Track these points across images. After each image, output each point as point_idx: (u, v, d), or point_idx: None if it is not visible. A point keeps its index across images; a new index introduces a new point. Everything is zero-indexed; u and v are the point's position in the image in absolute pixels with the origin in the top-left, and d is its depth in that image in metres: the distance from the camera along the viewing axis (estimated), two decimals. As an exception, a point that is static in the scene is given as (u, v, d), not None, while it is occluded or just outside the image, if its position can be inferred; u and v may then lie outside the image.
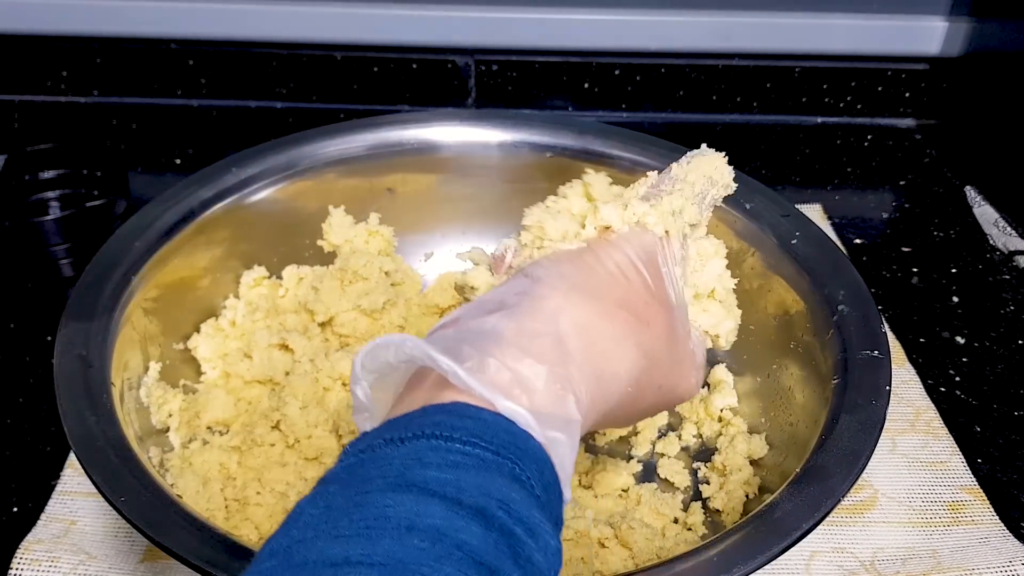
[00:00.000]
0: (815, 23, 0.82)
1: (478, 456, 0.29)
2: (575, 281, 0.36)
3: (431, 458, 0.29)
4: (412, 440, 0.29)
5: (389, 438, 0.30)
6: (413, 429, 0.30)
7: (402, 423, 0.31)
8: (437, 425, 0.30)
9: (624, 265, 0.38)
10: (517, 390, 0.32)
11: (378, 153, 0.63)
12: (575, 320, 0.35)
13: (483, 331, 0.34)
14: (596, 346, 0.35)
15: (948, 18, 0.82)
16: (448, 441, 0.29)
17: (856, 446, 0.43)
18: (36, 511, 0.52)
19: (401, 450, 0.29)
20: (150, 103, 0.87)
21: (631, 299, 0.37)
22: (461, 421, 0.30)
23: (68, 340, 0.49)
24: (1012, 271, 0.71)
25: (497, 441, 0.30)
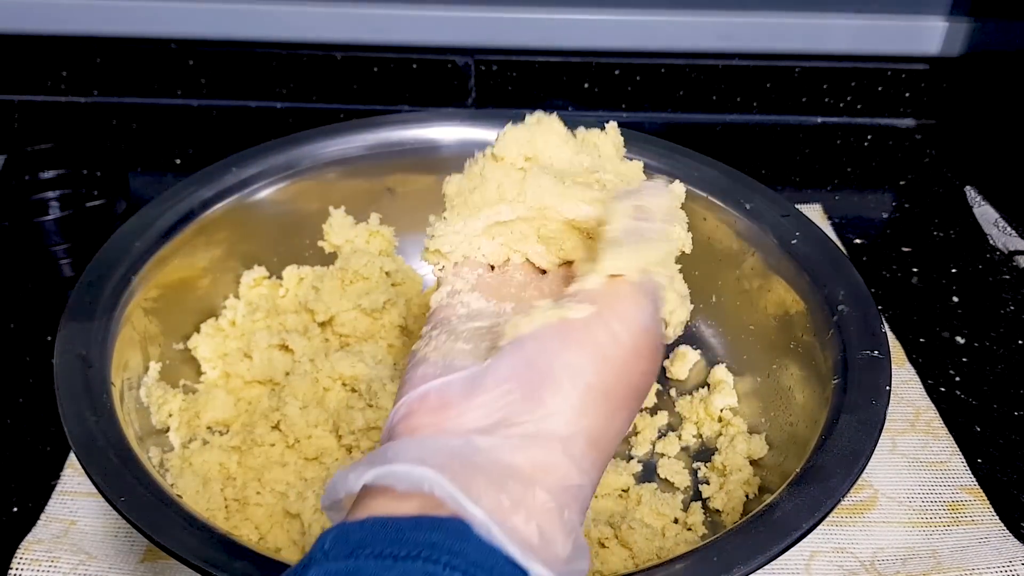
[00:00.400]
0: (815, 23, 0.82)
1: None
2: (588, 380, 0.32)
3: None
4: (404, 560, 0.27)
5: (379, 552, 0.27)
6: (407, 547, 0.27)
7: (392, 533, 0.28)
8: (433, 547, 0.27)
9: (638, 332, 0.33)
10: (538, 543, 0.29)
11: (378, 153, 0.63)
12: (589, 437, 0.32)
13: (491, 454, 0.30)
14: (604, 454, 0.33)
15: (948, 18, 0.82)
16: (446, 568, 0.27)
17: (856, 446, 0.43)
18: (36, 511, 0.52)
19: (393, 572, 0.26)
20: (150, 103, 0.87)
21: (637, 381, 0.34)
22: (459, 545, 0.27)
23: (68, 340, 0.49)
24: (1012, 271, 0.71)
25: (497, 571, 0.27)
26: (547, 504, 0.30)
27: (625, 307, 0.33)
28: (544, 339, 0.32)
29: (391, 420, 0.34)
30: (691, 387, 0.59)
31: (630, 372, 0.33)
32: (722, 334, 0.60)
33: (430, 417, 0.32)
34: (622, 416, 0.33)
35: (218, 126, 0.86)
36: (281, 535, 0.50)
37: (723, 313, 0.60)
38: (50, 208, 0.72)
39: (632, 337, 0.33)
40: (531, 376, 0.32)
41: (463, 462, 0.30)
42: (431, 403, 0.32)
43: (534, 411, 0.31)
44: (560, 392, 0.31)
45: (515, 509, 0.29)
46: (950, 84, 0.85)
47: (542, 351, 0.32)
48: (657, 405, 0.58)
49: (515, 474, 0.30)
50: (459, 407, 0.32)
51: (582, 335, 0.32)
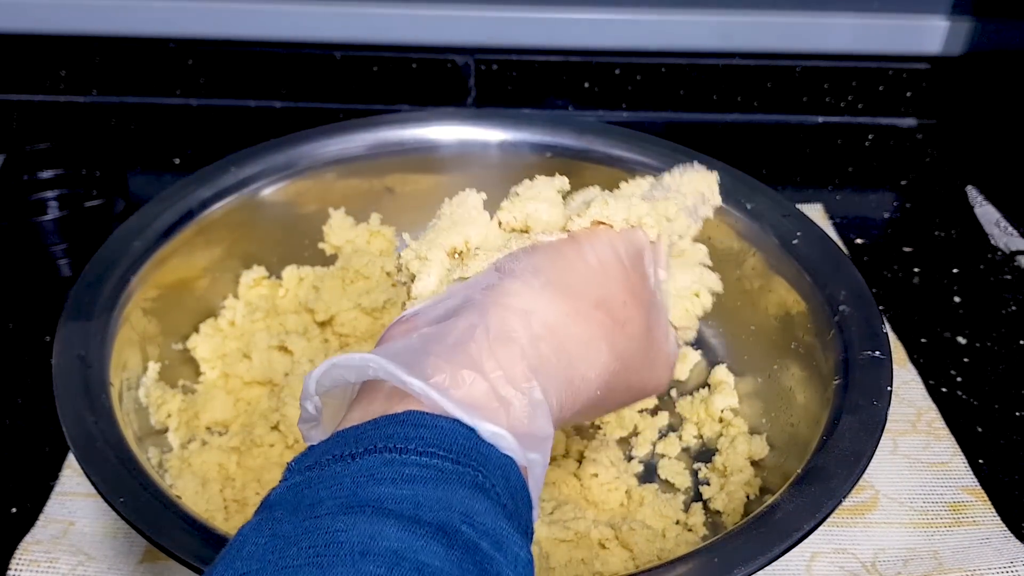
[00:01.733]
0: (816, 22, 0.82)
1: (436, 467, 0.27)
2: (550, 277, 0.34)
3: (385, 473, 0.27)
4: (364, 455, 0.27)
5: (339, 454, 0.28)
6: (364, 443, 0.28)
7: (352, 437, 0.28)
8: (390, 437, 0.28)
9: (607, 260, 0.35)
10: (495, 405, 0.30)
11: (378, 153, 0.63)
12: (546, 321, 0.33)
13: (449, 337, 0.31)
14: (567, 350, 0.33)
15: (949, 17, 0.82)
16: (403, 454, 0.27)
17: (857, 447, 0.43)
18: (35, 512, 0.52)
19: (352, 467, 0.27)
20: (149, 102, 0.87)
21: (609, 298, 0.35)
22: (416, 431, 0.28)
23: (67, 340, 0.49)
24: (1013, 271, 0.70)
25: (456, 449, 0.28)
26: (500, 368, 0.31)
27: (597, 238, 0.35)
28: (517, 254, 0.35)
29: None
30: (692, 388, 0.59)
31: (596, 285, 0.34)
32: (723, 334, 0.60)
33: (402, 326, 0.34)
34: (591, 327, 0.34)
35: (217, 126, 0.85)
36: (280, 536, 0.50)
37: (724, 313, 0.59)
38: (49, 208, 0.72)
39: (599, 258, 0.35)
40: (495, 277, 0.33)
41: (415, 349, 0.31)
42: (402, 323, 0.34)
43: (492, 292, 0.33)
44: (517, 278, 0.33)
45: (465, 379, 0.30)
46: (951, 84, 0.85)
47: (512, 258, 0.34)
48: (658, 406, 0.58)
49: (468, 344, 0.31)
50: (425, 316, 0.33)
51: (548, 248, 0.35)
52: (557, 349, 0.33)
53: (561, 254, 0.35)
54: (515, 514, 0.29)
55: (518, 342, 0.32)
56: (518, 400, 0.31)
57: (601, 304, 0.34)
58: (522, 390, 0.31)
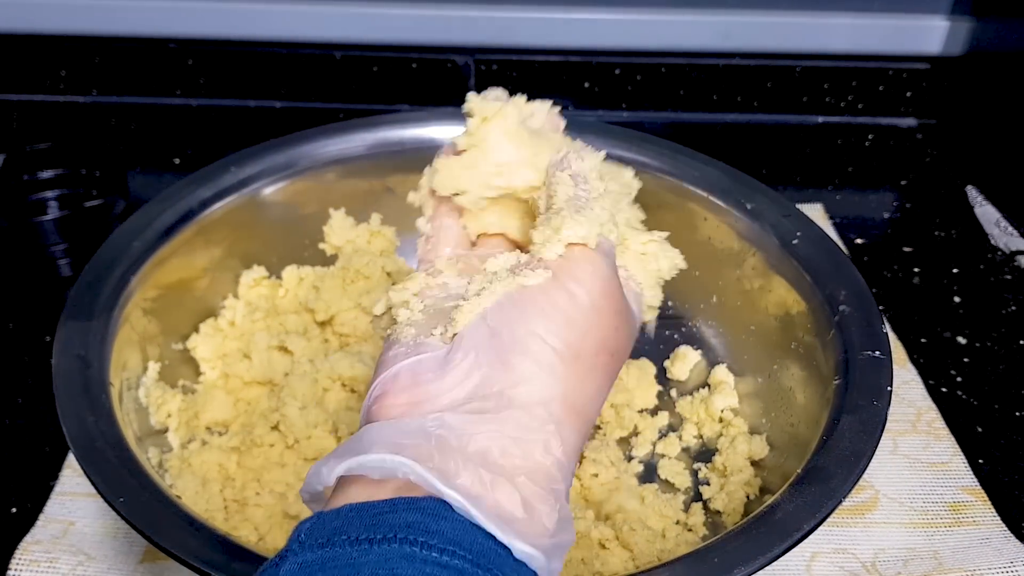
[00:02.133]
0: (816, 22, 0.82)
1: (456, 568, 0.26)
2: (552, 343, 0.32)
3: (404, 570, 0.26)
4: (381, 543, 0.26)
5: (355, 537, 0.27)
6: (383, 529, 0.27)
7: (368, 517, 0.27)
8: (410, 527, 0.27)
9: (597, 292, 0.33)
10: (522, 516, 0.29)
11: (378, 153, 0.63)
12: (565, 400, 0.32)
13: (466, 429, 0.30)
14: (584, 415, 0.33)
15: (949, 17, 0.82)
16: (423, 549, 0.26)
17: (857, 447, 0.43)
18: (35, 512, 0.52)
19: (370, 556, 0.26)
20: (149, 102, 0.87)
21: (606, 334, 0.34)
22: (437, 523, 0.27)
23: (67, 340, 0.48)
24: (1014, 271, 0.70)
25: (476, 550, 0.27)
26: (528, 476, 0.30)
27: (580, 269, 0.34)
28: (504, 309, 0.33)
29: (367, 402, 0.34)
30: (692, 388, 0.59)
31: (596, 330, 0.33)
32: (723, 334, 0.60)
33: (403, 396, 0.32)
34: (598, 377, 0.33)
35: (217, 126, 0.85)
36: (280, 536, 0.50)
37: (724, 313, 0.60)
38: (49, 208, 0.72)
39: (590, 296, 0.33)
40: (496, 345, 0.32)
41: (438, 443, 0.30)
42: (403, 382, 0.32)
43: (505, 379, 0.31)
44: (528, 357, 0.32)
45: (495, 485, 0.29)
46: (951, 84, 0.85)
47: (504, 320, 0.32)
48: (658, 406, 0.58)
49: (492, 448, 0.30)
50: (430, 385, 0.32)
51: (541, 300, 0.33)
52: (576, 423, 0.32)
53: (554, 307, 0.33)
54: None
55: (542, 439, 0.31)
56: (546, 510, 0.30)
57: (602, 347, 0.33)
58: (550, 493, 0.30)
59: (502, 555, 0.28)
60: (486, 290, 0.34)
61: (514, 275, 0.34)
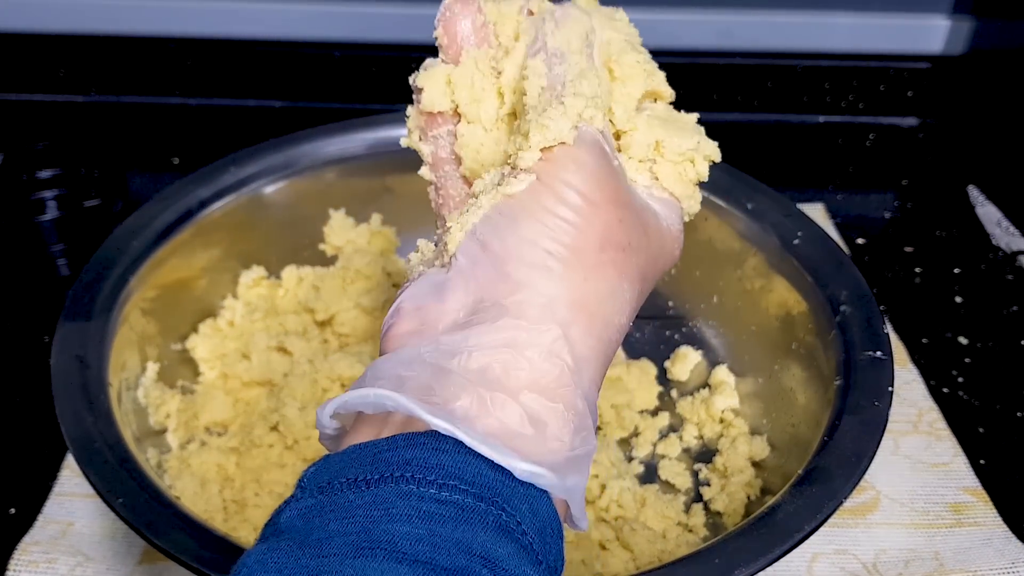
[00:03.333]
0: (817, 21, 0.82)
1: (457, 504, 0.25)
2: (545, 245, 0.30)
3: (400, 508, 0.25)
4: (379, 483, 0.25)
5: (352, 478, 0.26)
6: (380, 468, 0.26)
7: (367, 456, 0.26)
8: (407, 464, 0.26)
9: (586, 189, 0.31)
10: (529, 432, 0.27)
11: (378, 153, 0.63)
12: (568, 300, 0.30)
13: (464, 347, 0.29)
14: (598, 316, 0.30)
15: (951, 17, 0.82)
16: (420, 486, 0.25)
17: (858, 447, 0.43)
18: (33, 513, 0.52)
19: (366, 496, 0.25)
20: (148, 102, 0.87)
21: (606, 230, 0.31)
22: (437, 457, 0.26)
23: (65, 340, 0.48)
24: (1015, 271, 0.70)
25: (480, 482, 0.26)
26: (534, 388, 0.28)
27: (563, 167, 0.31)
28: (492, 221, 0.31)
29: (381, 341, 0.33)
30: (692, 388, 0.59)
31: (594, 226, 0.31)
32: (723, 335, 0.60)
33: (405, 326, 0.31)
34: (609, 273, 0.31)
35: (216, 125, 0.85)
36: (279, 537, 0.49)
37: (725, 313, 0.60)
38: (47, 208, 0.72)
39: (580, 192, 0.31)
40: (489, 258, 0.30)
41: (435, 368, 0.28)
42: (405, 312, 0.31)
43: (500, 289, 0.30)
44: (522, 263, 0.30)
45: (496, 403, 0.27)
46: (953, 83, 0.85)
47: (493, 232, 0.31)
48: (658, 406, 0.58)
49: (492, 363, 0.28)
50: (430, 310, 0.31)
51: (529, 205, 0.31)
52: (589, 324, 0.30)
53: (543, 209, 0.30)
54: (543, 554, 0.26)
55: (546, 344, 0.29)
56: (555, 419, 0.28)
57: (604, 242, 0.31)
58: (561, 402, 0.28)
59: (507, 483, 0.26)
60: (472, 207, 0.32)
61: (498, 187, 0.32)
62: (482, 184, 0.33)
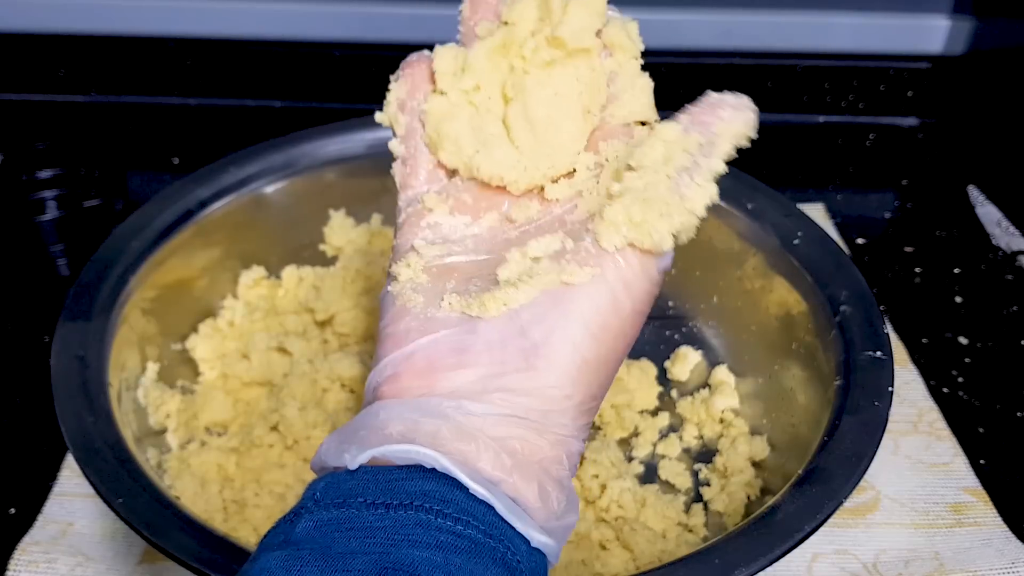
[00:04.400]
0: (817, 21, 0.82)
1: (469, 538, 0.27)
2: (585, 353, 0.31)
3: (419, 536, 0.26)
4: (398, 509, 0.27)
5: (371, 501, 0.27)
6: (399, 495, 0.27)
7: (385, 482, 0.28)
8: (426, 496, 0.27)
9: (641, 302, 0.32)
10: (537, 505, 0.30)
11: (378, 153, 0.63)
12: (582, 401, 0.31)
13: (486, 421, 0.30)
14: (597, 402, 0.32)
15: (951, 16, 0.82)
16: (438, 517, 0.27)
17: (858, 448, 0.43)
18: (33, 513, 0.52)
19: (386, 520, 0.26)
20: (148, 102, 0.87)
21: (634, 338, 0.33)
22: (452, 494, 0.28)
23: (65, 340, 0.48)
24: (1015, 271, 0.70)
25: (488, 521, 0.28)
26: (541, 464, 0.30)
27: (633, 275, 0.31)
28: (539, 307, 0.30)
29: (373, 379, 0.32)
30: (692, 388, 0.59)
31: (627, 337, 0.32)
32: (723, 335, 0.60)
33: (417, 380, 0.31)
34: (616, 367, 0.33)
35: (216, 125, 0.85)
36: (279, 537, 0.49)
37: (724, 314, 0.60)
38: (47, 208, 0.72)
39: (634, 305, 0.31)
40: (524, 345, 0.30)
41: (457, 426, 0.29)
42: (417, 365, 0.31)
43: (526, 381, 0.30)
44: (554, 364, 0.30)
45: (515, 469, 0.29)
46: (953, 83, 0.85)
47: (538, 320, 0.30)
48: (658, 407, 0.58)
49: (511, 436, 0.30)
50: (448, 373, 0.31)
51: (582, 302, 0.30)
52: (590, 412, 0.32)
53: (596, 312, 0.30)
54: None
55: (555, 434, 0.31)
56: (556, 493, 0.30)
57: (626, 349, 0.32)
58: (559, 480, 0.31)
59: (511, 528, 0.28)
60: (523, 283, 0.31)
61: (558, 266, 0.31)
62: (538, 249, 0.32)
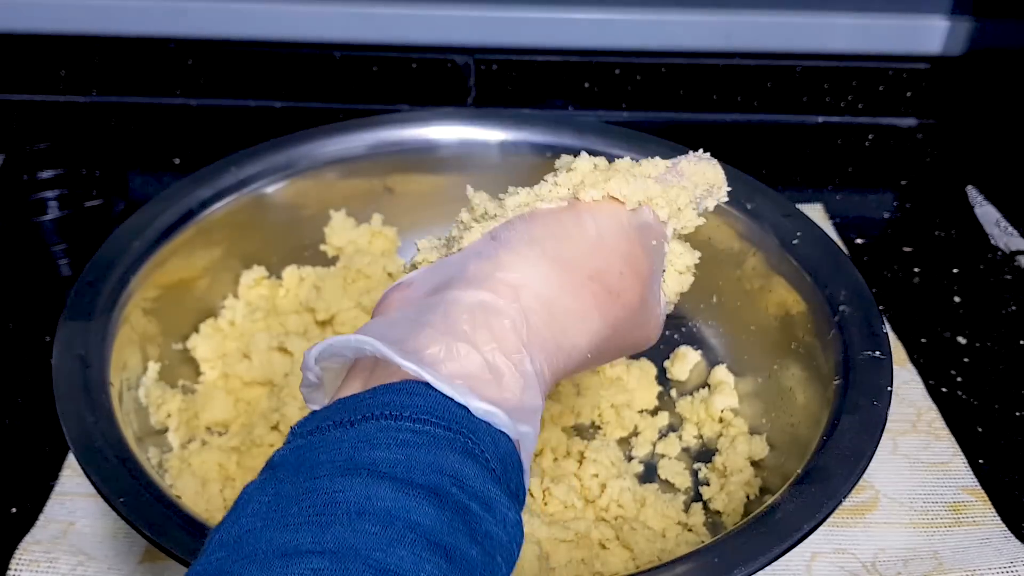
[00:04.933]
0: (816, 22, 0.82)
1: (429, 433, 0.29)
2: (545, 248, 0.35)
3: (380, 439, 0.28)
4: (361, 422, 0.29)
5: (338, 420, 0.29)
6: (362, 410, 0.29)
7: (351, 404, 0.30)
8: (387, 405, 0.29)
9: (607, 231, 0.35)
10: (487, 377, 0.31)
11: (378, 153, 0.63)
12: (539, 294, 0.34)
13: (443, 309, 0.33)
14: (559, 320, 0.35)
15: (950, 17, 0.82)
16: (398, 420, 0.29)
17: (857, 447, 0.43)
18: (34, 512, 0.52)
19: (351, 432, 0.29)
20: (149, 102, 0.87)
21: (605, 269, 0.36)
22: (411, 399, 0.30)
23: (66, 340, 0.49)
24: (1014, 271, 0.70)
25: (448, 416, 0.29)
26: (493, 340, 0.32)
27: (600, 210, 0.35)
28: (514, 222, 0.35)
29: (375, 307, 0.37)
30: (692, 388, 0.59)
31: (593, 258, 0.35)
32: (723, 334, 0.60)
33: (396, 296, 0.35)
34: (584, 299, 0.35)
35: (217, 126, 0.85)
36: (280, 536, 0.49)
37: (724, 313, 0.60)
38: (48, 208, 0.72)
39: (599, 230, 0.35)
40: (491, 245, 0.34)
41: (410, 321, 0.32)
42: (401, 287, 0.36)
43: (487, 265, 0.34)
44: (515, 251, 0.34)
45: (461, 351, 0.31)
46: (952, 83, 0.85)
47: (508, 227, 0.35)
48: (658, 406, 0.58)
49: (461, 319, 0.32)
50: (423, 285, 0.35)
51: (548, 217, 0.34)
52: (548, 321, 0.34)
53: (559, 223, 0.35)
54: (504, 479, 0.30)
55: (509, 315, 0.33)
56: (509, 372, 0.32)
57: (596, 275, 0.35)
58: (514, 361, 0.32)
59: (471, 419, 0.30)
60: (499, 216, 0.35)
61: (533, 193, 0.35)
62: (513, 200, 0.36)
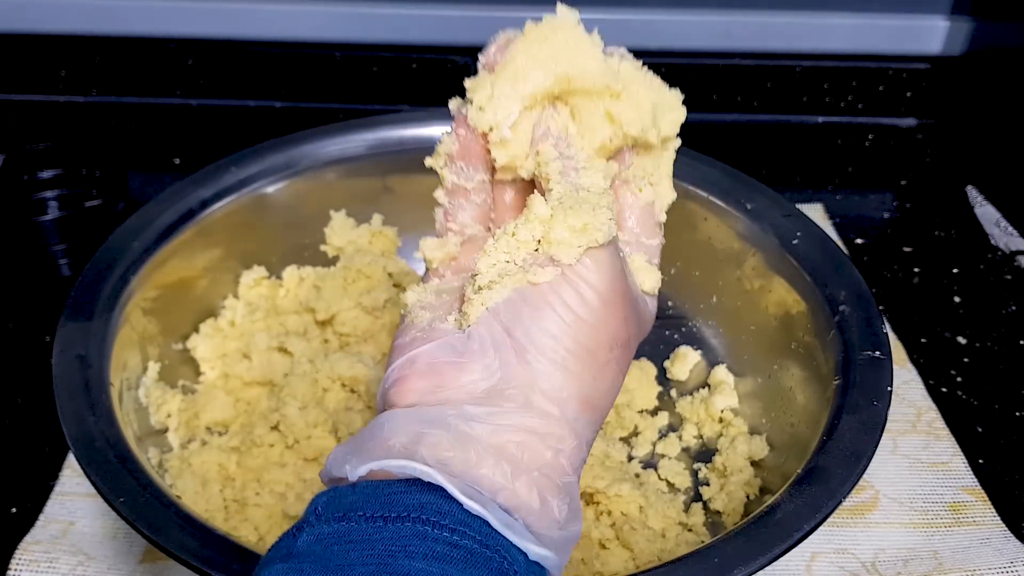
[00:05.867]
0: (816, 22, 0.82)
1: (465, 548, 0.28)
2: (568, 346, 0.32)
3: (416, 547, 0.27)
4: (395, 521, 0.28)
5: (370, 514, 0.28)
6: (397, 508, 0.28)
7: (383, 496, 0.29)
8: (423, 508, 0.28)
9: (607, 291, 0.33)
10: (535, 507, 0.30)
11: (378, 153, 0.63)
12: (580, 398, 0.33)
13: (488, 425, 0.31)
14: (598, 410, 0.34)
15: (949, 17, 0.82)
16: (435, 528, 0.28)
17: (857, 447, 0.43)
18: (34, 512, 0.52)
19: (384, 532, 0.28)
20: (149, 102, 0.87)
21: (617, 329, 0.34)
22: (448, 506, 0.29)
23: (66, 340, 0.49)
24: (1014, 271, 0.70)
25: (484, 532, 0.29)
26: (542, 471, 0.31)
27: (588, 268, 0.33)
28: (515, 306, 0.33)
29: (384, 385, 0.34)
30: (692, 388, 0.59)
31: (606, 327, 0.34)
32: (723, 334, 0.60)
33: (421, 382, 0.33)
34: (611, 371, 0.34)
35: (217, 126, 0.85)
36: (280, 536, 0.50)
37: (724, 313, 0.60)
38: (49, 208, 0.72)
39: (599, 295, 0.33)
40: (513, 345, 0.32)
41: (458, 434, 0.31)
42: (420, 368, 0.33)
43: (523, 378, 0.32)
44: (544, 356, 0.32)
45: (515, 476, 0.30)
46: (951, 83, 0.85)
47: (516, 319, 0.33)
48: (658, 406, 0.58)
49: (511, 442, 0.31)
50: (448, 374, 0.33)
51: (551, 298, 0.33)
52: (591, 417, 0.33)
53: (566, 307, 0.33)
54: None
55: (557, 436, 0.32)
56: (557, 503, 0.31)
57: (613, 343, 0.34)
58: (562, 489, 0.31)
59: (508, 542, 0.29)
60: (495, 284, 0.34)
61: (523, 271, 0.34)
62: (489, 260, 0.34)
